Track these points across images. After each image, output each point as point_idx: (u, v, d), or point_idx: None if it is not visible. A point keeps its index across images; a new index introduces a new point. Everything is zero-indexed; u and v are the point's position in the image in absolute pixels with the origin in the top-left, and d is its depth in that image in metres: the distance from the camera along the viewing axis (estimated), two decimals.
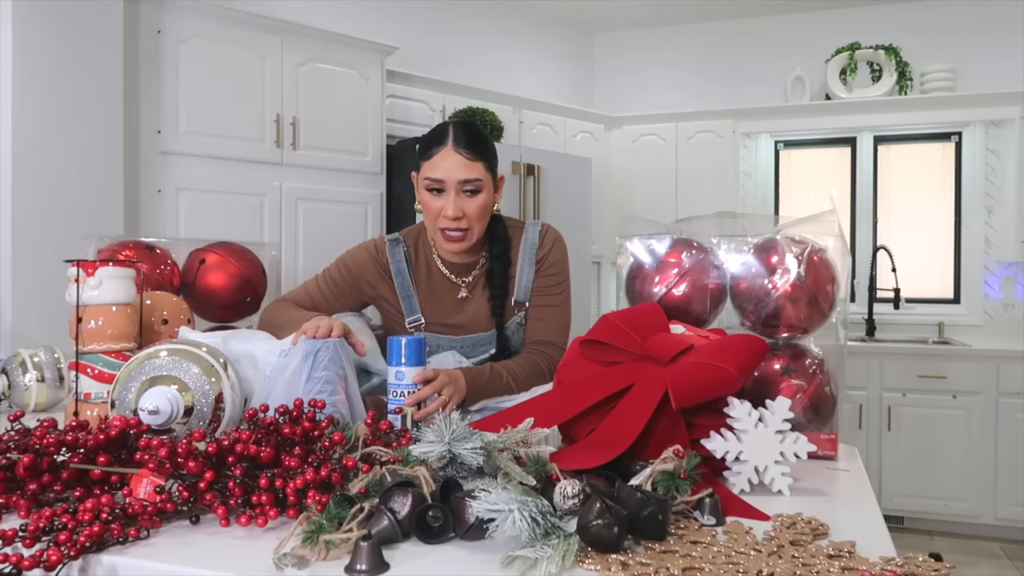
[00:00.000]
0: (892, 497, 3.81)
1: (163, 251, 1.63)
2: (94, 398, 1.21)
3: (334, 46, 3.30)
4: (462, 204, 1.49)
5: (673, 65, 4.91)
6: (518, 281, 1.59)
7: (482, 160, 1.49)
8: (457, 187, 1.48)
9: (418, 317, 1.60)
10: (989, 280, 4.26)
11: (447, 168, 1.48)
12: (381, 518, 0.78)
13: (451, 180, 1.48)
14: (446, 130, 1.51)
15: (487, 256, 1.60)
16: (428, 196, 1.52)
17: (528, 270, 1.59)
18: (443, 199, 1.49)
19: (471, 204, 1.49)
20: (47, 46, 2.47)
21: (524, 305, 1.60)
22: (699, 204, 4.35)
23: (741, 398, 0.99)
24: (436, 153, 1.49)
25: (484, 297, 1.59)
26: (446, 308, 1.60)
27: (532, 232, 1.62)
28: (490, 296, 1.57)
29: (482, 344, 1.60)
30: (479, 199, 1.50)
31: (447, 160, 1.48)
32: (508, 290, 1.59)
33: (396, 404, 1.22)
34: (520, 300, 1.59)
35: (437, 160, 1.49)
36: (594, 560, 0.73)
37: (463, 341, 1.59)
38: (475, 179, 1.48)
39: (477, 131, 1.53)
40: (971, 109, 4.09)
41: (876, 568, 0.72)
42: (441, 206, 1.49)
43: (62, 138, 2.51)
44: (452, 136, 1.49)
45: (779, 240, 1.22)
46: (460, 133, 1.49)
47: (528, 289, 1.59)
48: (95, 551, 0.78)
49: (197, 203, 2.93)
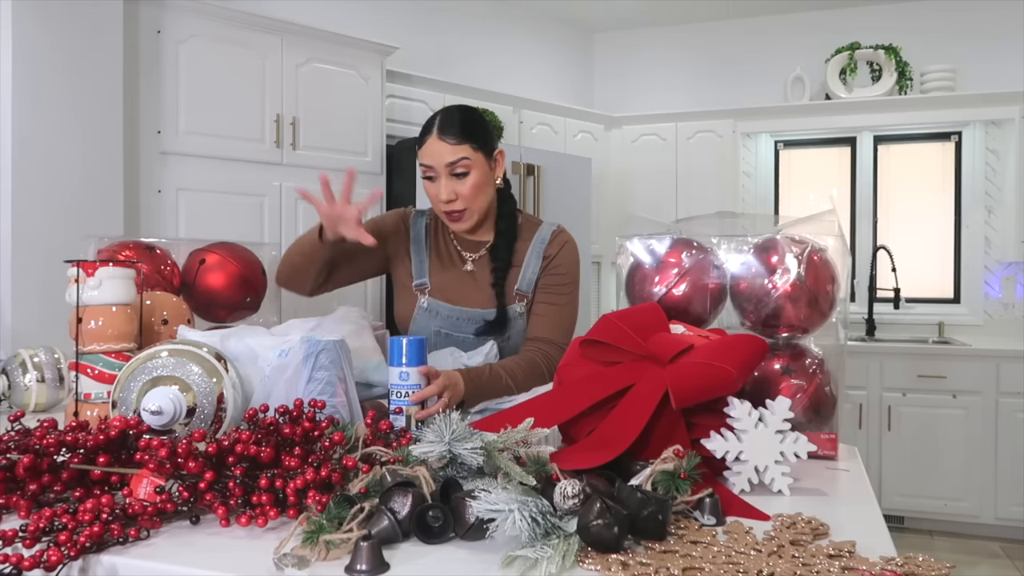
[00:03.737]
0: (892, 497, 3.81)
1: (163, 251, 1.63)
2: (94, 398, 1.22)
3: (334, 46, 3.30)
4: (453, 186, 1.56)
5: (673, 65, 4.91)
6: (523, 272, 1.64)
7: (468, 142, 1.55)
8: (446, 171, 1.56)
9: (424, 281, 1.67)
10: (989, 280, 4.26)
11: (433, 155, 1.56)
12: (381, 518, 0.78)
13: (439, 165, 1.56)
14: (434, 119, 1.59)
15: (494, 230, 1.68)
16: (425, 182, 1.61)
17: (535, 264, 1.65)
18: (437, 184, 1.58)
19: (462, 185, 1.56)
20: (47, 46, 2.47)
21: (526, 296, 1.64)
22: (699, 204, 4.35)
23: (741, 398, 0.99)
24: (426, 142, 1.58)
25: (488, 272, 1.65)
26: (452, 278, 1.67)
27: (546, 230, 1.69)
28: (492, 269, 1.63)
29: (481, 321, 1.62)
30: (470, 179, 1.56)
31: (433, 147, 1.56)
32: (511, 272, 1.65)
33: (397, 404, 1.22)
34: (523, 290, 1.64)
35: (426, 148, 1.58)
36: (594, 560, 0.73)
37: (462, 313, 1.63)
38: (460, 159, 1.55)
39: (462, 114, 1.59)
40: (971, 109, 4.09)
41: (876, 568, 0.72)
42: (436, 190, 1.58)
43: (62, 138, 2.51)
44: (438, 124, 1.57)
45: (779, 240, 1.22)
46: (444, 120, 1.57)
47: (532, 282, 1.64)
48: (95, 551, 0.78)
49: (197, 203, 2.93)
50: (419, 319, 1.66)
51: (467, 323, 1.63)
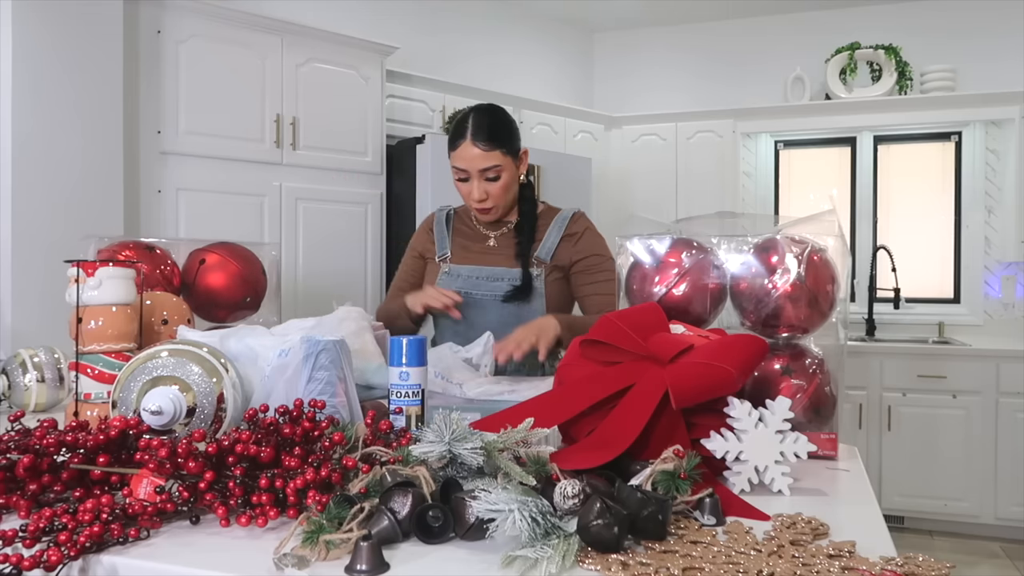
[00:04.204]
0: (892, 497, 3.81)
1: (163, 251, 1.63)
2: (94, 398, 1.21)
3: (334, 46, 3.30)
4: (485, 187, 1.72)
5: (673, 65, 4.91)
6: (544, 242, 1.80)
7: (499, 147, 1.70)
8: (479, 175, 1.71)
9: (446, 252, 1.85)
10: (989, 280, 4.26)
11: (467, 159, 1.70)
12: (381, 518, 0.78)
13: (473, 170, 1.70)
14: (466, 123, 1.71)
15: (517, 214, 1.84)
16: (458, 182, 1.76)
17: (554, 236, 1.80)
18: (470, 184, 1.73)
19: (494, 186, 1.72)
20: (47, 46, 2.47)
21: (544, 263, 1.79)
22: (699, 204, 4.35)
23: (741, 398, 0.99)
24: (459, 145, 1.71)
25: (511, 242, 1.80)
26: (474, 248, 1.84)
27: (566, 212, 1.86)
28: (517, 241, 1.79)
29: (507, 284, 1.76)
30: (501, 181, 1.72)
31: (467, 152, 1.69)
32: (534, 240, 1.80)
33: (397, 404, 1.22)
34: (541, 257, 1.79)
35: (460, 152, 1.71)
36: (594, 560, 0.73)
37: (482, 271, 1.78)
38: (493, 166, 1.70)
39: (493, 118, 1.73)
40: (971, 109, 4.09)
41: (876, 568, 0.72)
42: (469, 190, 1.74)
43: (62, 138, 2.51)
44: (471, 129, 1.69)
45: (779, 240, 1.22)
46: (477, 125, 1.69)
47: (551, 251, 1.79)
48: (95, 551, 0.78)
49: (197, 203, 2.93)
50: (440, 284, 1.79)
51: (487, 282, 1.77)
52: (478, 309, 1.76)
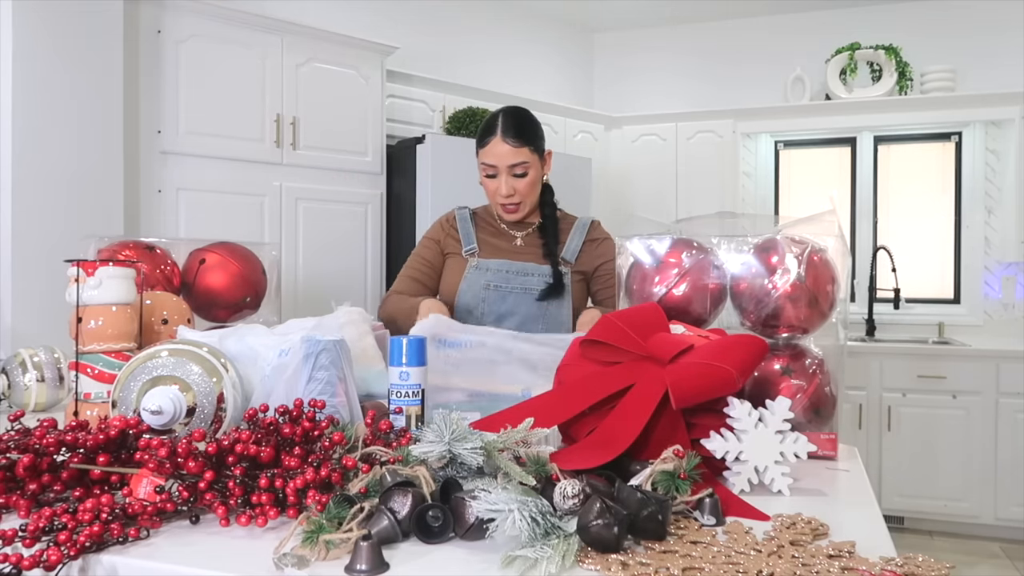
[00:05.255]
0: (892, 497, 3.81)
1: (163, 251, 1.63)
2: (94, 398, 1.21)
3: (334, 46, 3.30)
4: (513, 184, 1.76)
5: (673, 65, 4.91)
6: (567, 244, 1.85)
7: (527, 145, 1.74)
8: (507, 171, 1.74)
9: (473, 246, 1.85)
10: (989, 280, 4.26)
11: (497, 155, 1.74)
12: (381, 518, 0.78)
13: (502, 165, 1.74)
14: (496, 120, 1.76)
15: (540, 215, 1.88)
16: (486, 178, 1.79)
17: (577, 239, 1.85)
18: (498, 181, 1.76)
19: (521, 183, 1.76)
20: (47, 46, 2.47)
21: (569, 264, 1.84)
22: (699, 204, 4.35)
23: (741, 398, 0.99)
24: (489, 142, 1.75)
25: (537, 242, 1.84)
26: (502, 245, 1.86)
27: (584, 219, 1.90)
28: (543, 241, 1.83)
29: (535, 275, 1.79)
30: (528, 178, 1.76)
31: (497, 148, 1.73)
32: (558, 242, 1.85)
33: (397, 404, 1.22)
34: (566, 258, 1.84)
35: (489, 148, 1.75)
36: (594, 560, 0.73)
37: (511, 266, 1.81)
38: (522, 162, 1.74)
39: (522, 118, 1.77)
40: (971, 109, 4.09)
41: (876, 568, 0.72)
42: (497, 186, 1.77)
43: (62, 138, 2.51)
44: (500, 127, 1.74)
45: (779, 240, 1.22)
46: (507, 123, 1.74)
47: (575, 253, 1.84)
48: (95, 551, 0.78)
49: (197, 203, 2.93)
50: (469, 277, 1.81)
51: (517, 276, 1.79)
52: (505, 303, 1.79)
